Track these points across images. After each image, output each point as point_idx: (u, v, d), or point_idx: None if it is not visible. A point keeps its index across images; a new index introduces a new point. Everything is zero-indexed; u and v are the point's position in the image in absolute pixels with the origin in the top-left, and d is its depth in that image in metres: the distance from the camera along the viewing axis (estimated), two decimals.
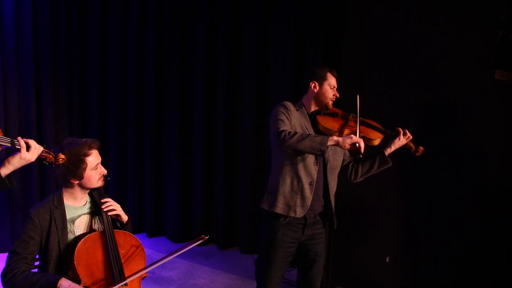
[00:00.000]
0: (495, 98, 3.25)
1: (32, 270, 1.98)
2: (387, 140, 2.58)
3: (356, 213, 3.59)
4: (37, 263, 2.07)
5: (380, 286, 3.56)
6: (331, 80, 2.50)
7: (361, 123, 2.47)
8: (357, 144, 2.23)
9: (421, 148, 2.60)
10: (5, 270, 1.92)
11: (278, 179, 2.42)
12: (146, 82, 4.64)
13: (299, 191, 2.39)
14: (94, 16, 4.67)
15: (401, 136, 2.53)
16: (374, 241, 3.58)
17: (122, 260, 2.06)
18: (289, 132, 2.25)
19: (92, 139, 2.11)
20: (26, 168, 4.32)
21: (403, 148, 2.60)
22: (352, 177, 2.63)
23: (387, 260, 3.53)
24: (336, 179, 2.58)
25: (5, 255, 4.13)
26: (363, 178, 2.64)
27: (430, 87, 3.32)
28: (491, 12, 3.15)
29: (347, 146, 2.25)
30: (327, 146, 2.22)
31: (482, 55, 3.18)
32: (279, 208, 2.39)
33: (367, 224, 3.58)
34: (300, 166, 2.39)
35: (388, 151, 2.57)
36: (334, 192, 2.57)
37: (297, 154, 2.35)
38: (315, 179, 2.42)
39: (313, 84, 2.48)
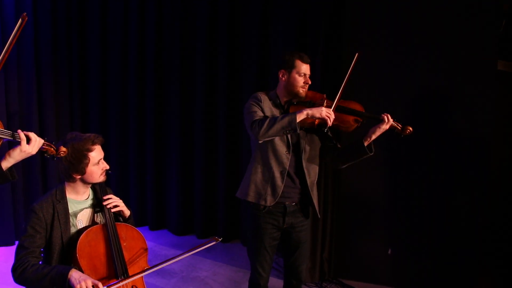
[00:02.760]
0: (498, 89, 3.24)
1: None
2: (370, 124, 2.45)
3: (358, 205, 3.60)
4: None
5: (382, 278, 3.57)
6: (301, 68, 2.39)
7: (337, 109, 2.38)
8: (325, 119, 2.25)
9: (410, 128, 2.43)
10: (15, 265, 1.94)
11: (250, 168, 2.48)
12: (146, 76, 4.63)
13: (270, 180, 2.42)
14: (94, 9, 4.65)
15: (385, 123, 2.39)
16: (376, 234, 3.58)
17: (125, 253, 2.06)
18: (259, 122, 2.27)
19: (95, 134, 2.11)
20: (28, 163, 4.34)
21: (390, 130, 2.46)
22: (335, 165, 2.63)
23: (389, 252, 3.53)
24: (317, 169, 2.55)
25: (9, 248, 4.19)
26: (346, 166, 2.60)
27: (432, 78, 3.31)
28: (494, 2, 3.13)
29: (316, 118, 2.27)
30: (297, 123, 2.23)
31: (485, 46, 3.16)
32: (251, 197, 2.44)
33: (369, 216, 3.58)
34: (271, 155, 2.42)
35: (369, 140, 2.45)
36: (314, 182, 2.54)
37: (272, 138, 2.34)
38: (287, 168, 2.43)
39: (281, 73, 2.44)
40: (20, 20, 1.64)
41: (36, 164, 4.37)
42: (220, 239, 2.02)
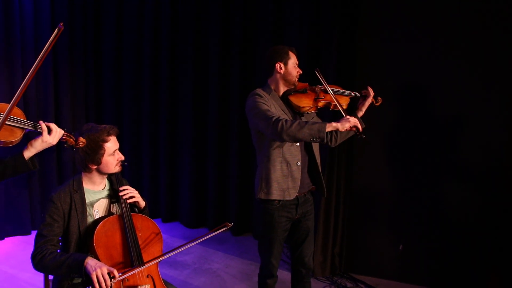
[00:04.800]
0: None
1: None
2: (353, 102, 2.70)
3: (369, 201, 3.60)
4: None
5: (393, 274, 3.57)
6: (293, 58, 2.53)
7: (333, 93, 2.54)
8: (355, 126, 2.33)
9: (380, 98, 2.70)
10: (34, 253, 1.99)
11: (268, 167, 2.48)
12: (161, 69, 4.67)
13: (289, 174, 2.48)
14: (110, 6, 4.70)
15: (370, 96, 2.63)
16: (386, 230, 3.58)
17: (140, 243, 2.10)
18: (286, 121, 2.28)
19: (110, 126, 2.15)
20: (44, 155, 4.43)
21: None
22: (332, 143, 2.69)
23: (400, 248, 3.53)
24: (319, 151, 2.66)
25: (26, 237, 4.28)
26: (339, 143, 2.71)
27: (449, 77, 3.27)
28: None
29: (347, 129, 2.33)
30: (326, 133, 2.28)
31: (505, 44, 3.11)
32: (275, 195, 2.48)
33: (380, 212, 3.58)
34: (286, 150, 2.47)
35: (360, 113, 2.65)
36: (320, 162, 2.64)
37: (294, 142, 2.40)
38: (300, 158, 2.50)
39: (279, 65, 2.50)
40: (56, 30, 1.68)
41: (52, 157, 4.46)
42: (231, 225, 2.05)
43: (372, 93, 2.64)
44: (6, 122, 1.76)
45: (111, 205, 2.21)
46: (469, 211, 3.31)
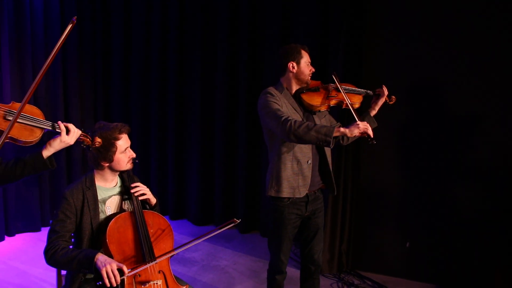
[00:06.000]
0: None
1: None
2: (366, 100, 2.70)
3: (377, 198, 3.61)
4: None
5: (400, 271, 3.58)
6: (306, 57, 2.55)
7: (345, 91, 2.55)
8: (365, 132, 2.30)
9: (393, 97, 2.70)
10: (46, 248, 2.03)
11: (279, 165, 2.50)
12: (168, 67, 4.70)
13: (300, 172, 2.50)
14: (118, 4, 4.74)
15: (383, 95, 2.64)
16: (393, 227, 3.59)
17: (152, 239, 2.14)
18: (295, 122, 2.30)
19: (122, 124, 2.19)
20: (54, 153, 4.48)
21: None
22: (344, 141, 2.70)
23: (407, 245, 3.54)
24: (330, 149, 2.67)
25: (36, 234, 4.32)
26: (351, 141, 2.72)
27: (458, 77, 3.27)
28: None
29: (355, 135, 2.32)
30: (333, 137, 2.27)
31: None
32: (285, 192, 2.50)
33: (387, 209, 3.59)
34: (297, 148, 2.49)
35: (374, 112, 2.67)
36: (331, 161, 2.65)
37: (301, 143, 2.40)
38: (311, 156, 2.52)
39: (291, 64, 2.52)
40: (70, 25, 1.70)
41: (61, 153, 4.50)
42: (238, 221, 2.07)
43: (386, 92, 2.65)
44: (27, 122, 1.81)
45: (123, 202, 2.25)
46: (477, 209, 3.32)
